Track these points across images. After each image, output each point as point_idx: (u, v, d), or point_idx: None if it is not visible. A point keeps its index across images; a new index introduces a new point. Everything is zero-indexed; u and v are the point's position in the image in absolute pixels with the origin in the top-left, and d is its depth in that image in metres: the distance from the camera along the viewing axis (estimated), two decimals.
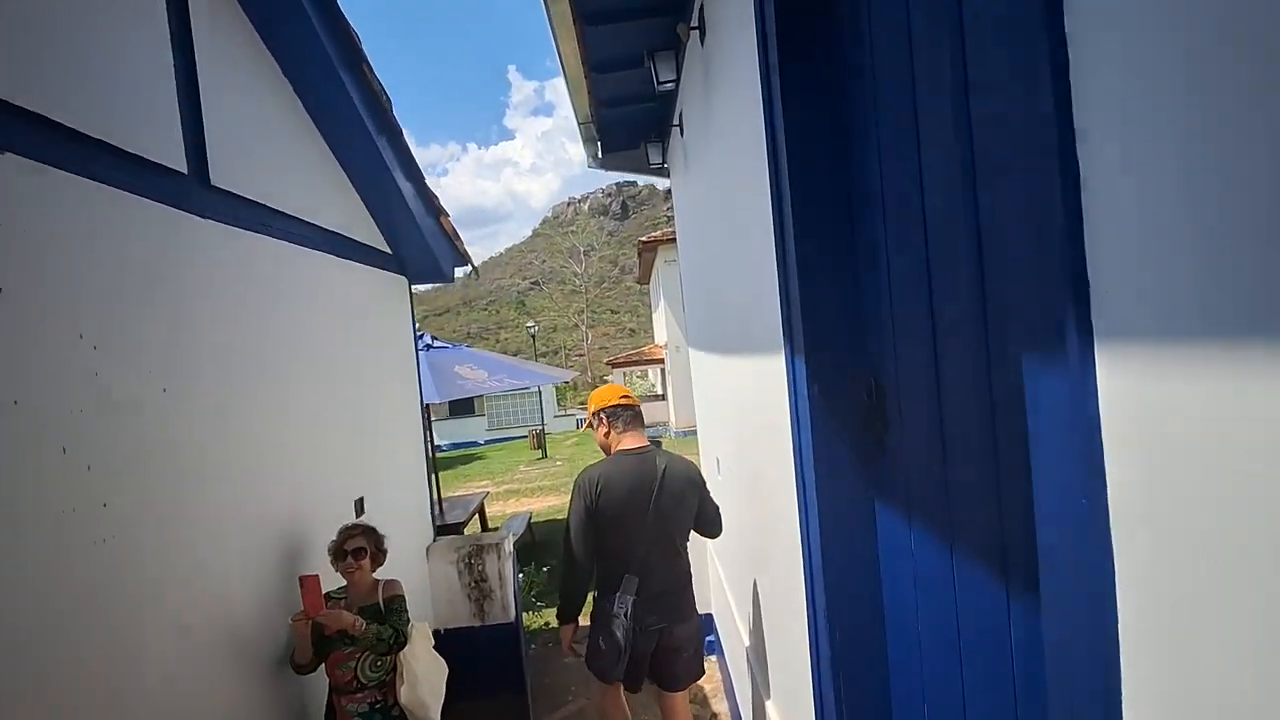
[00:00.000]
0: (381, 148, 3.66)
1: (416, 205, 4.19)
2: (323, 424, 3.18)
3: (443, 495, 8.04)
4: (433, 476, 8.40)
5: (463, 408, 37.13)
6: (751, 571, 2.88)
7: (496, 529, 8.43)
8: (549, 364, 55.37)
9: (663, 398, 26.12)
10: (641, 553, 2.45)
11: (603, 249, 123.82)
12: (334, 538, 2.84)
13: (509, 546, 4.59)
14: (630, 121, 4.09)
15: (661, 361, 25.31)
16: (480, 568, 4.46)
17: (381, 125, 3.66)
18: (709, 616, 4.51)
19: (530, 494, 13.15)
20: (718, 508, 2.81)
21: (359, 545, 2.82)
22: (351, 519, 3.40)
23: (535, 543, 8.57)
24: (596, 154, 4.47)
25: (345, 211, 3.78)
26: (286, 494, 2.82)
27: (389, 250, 4.35)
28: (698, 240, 3.48)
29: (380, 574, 2.93)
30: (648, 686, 2.86)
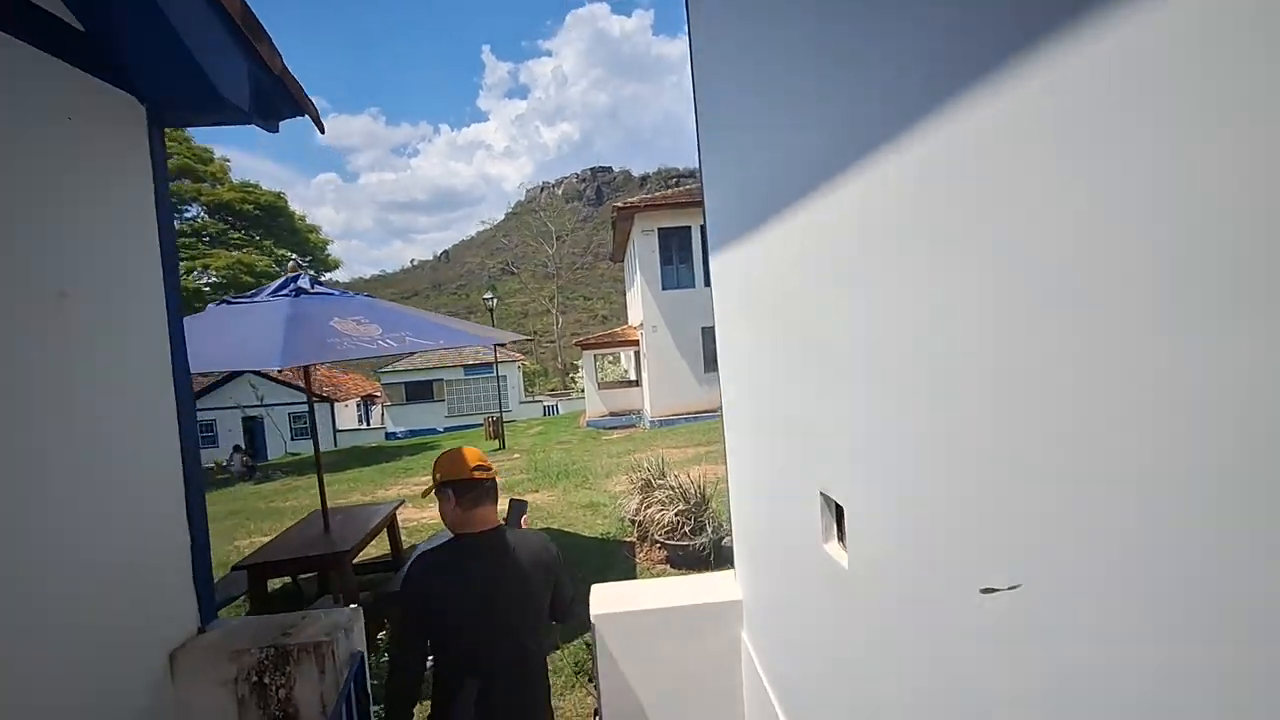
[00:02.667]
0: None
1: None
2: None
3: (329, 504, 5.75)
4: (319, 483, 6.14)
5: (420, 392, 34.44)
6: None
7: (410, 549, 6.16)
8: (519, 350, 52.37)
9: (636, 383, 23.91)
10: (484, 655, 1.98)
11: (575, 234, 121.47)
12: None
13: (349, 644, 2.37)
14: None
15: (636, 343, 23.07)
16: (284, 692, 2.22)
17: None
18: None
19: None
20: (574, 592, 2.23)
21: None
22: None
23: None
24: None
25: None
26: None
27: (79, 27, 2.04)
28: None
29: None
30: None
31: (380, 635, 3.72)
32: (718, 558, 5.50)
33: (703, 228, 3.11)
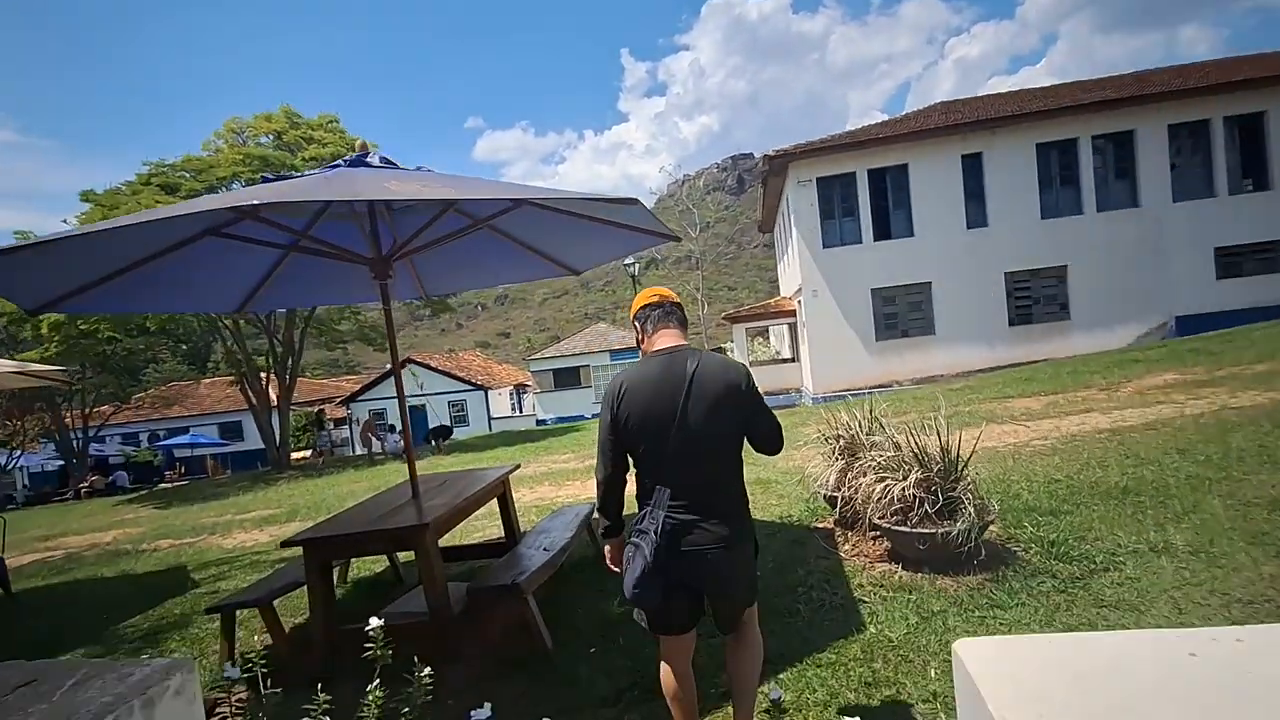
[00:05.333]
0: None
1: None
2: None
3: (417, 471, 4.35)
4: (405, 439, 4.75)
5: (567, 379, 34.21)
6: None
7: (526, 532, 4.63)
8: None
9: (793, 360, 21.50)
10: (672, 464, 2.09)
11: (718, 226, 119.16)
12: None
13: None
14: None
15: (791, 314, 20.66)
16: None
17: None
18: None
19: None
20: (776, 420, 2.24)
21: None
22: None
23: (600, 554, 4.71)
24: None
25: None
26: None
27: None
28: None
29: None
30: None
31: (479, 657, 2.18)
32: (990, 558, 3.40)
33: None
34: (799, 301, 18.71)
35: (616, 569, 2.30)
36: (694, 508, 2.05)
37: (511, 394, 39.05)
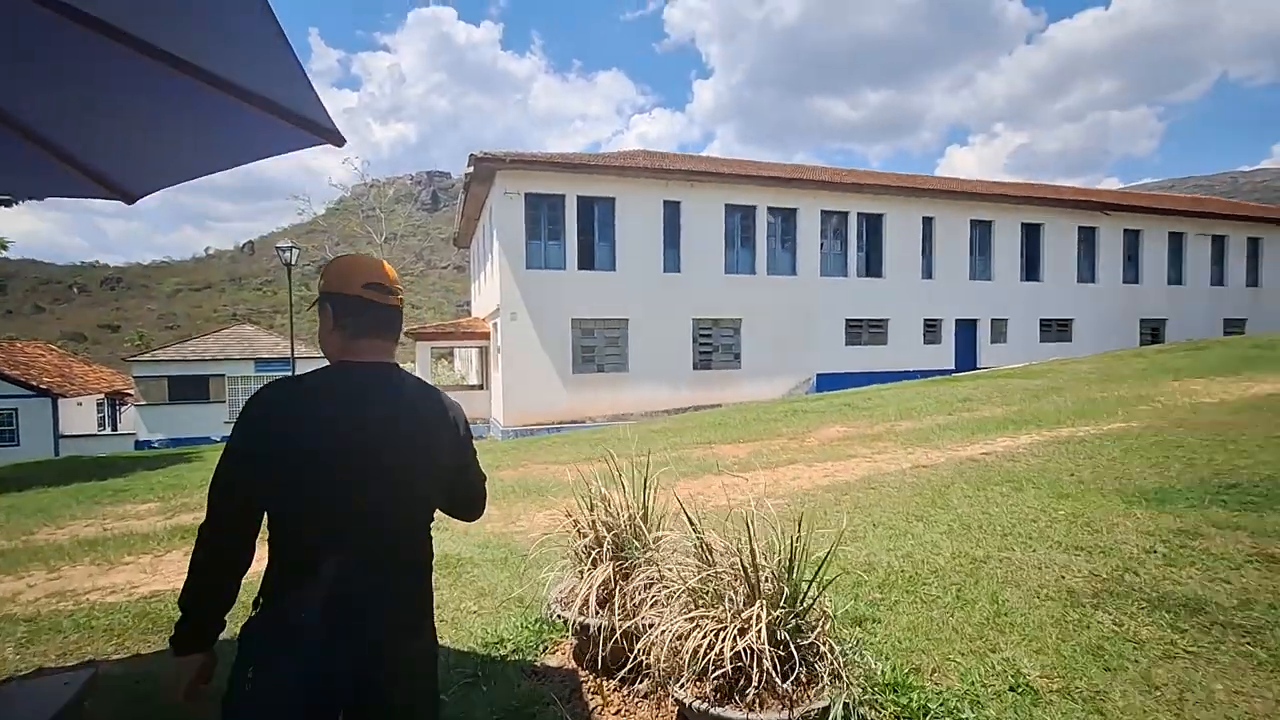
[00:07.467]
0: None
1: None
2: None
3: None
4: None
5: (189, 390, 26.74)
6: None
7: None
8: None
9: (481, 387, 19.63)
10: (356, 530, 1.32)
11: (407, 238, 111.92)
12: None
13: None
14: None
15: (484, 337, 18.85)
16: None
17: None
18: None
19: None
20: (483, 475, 1.64)
21: None
22: None
23: None
24: None
25: None
26: None
27: None
28: None
29: None
30: None
31: None
32: None
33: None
34: (495, 324, 17.07)
35: (199, 699, 1.33)
36: (375, 594, 1.32)
37: (102, 405, 29.42)
